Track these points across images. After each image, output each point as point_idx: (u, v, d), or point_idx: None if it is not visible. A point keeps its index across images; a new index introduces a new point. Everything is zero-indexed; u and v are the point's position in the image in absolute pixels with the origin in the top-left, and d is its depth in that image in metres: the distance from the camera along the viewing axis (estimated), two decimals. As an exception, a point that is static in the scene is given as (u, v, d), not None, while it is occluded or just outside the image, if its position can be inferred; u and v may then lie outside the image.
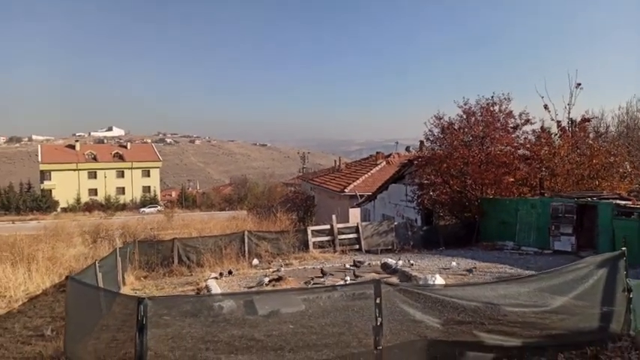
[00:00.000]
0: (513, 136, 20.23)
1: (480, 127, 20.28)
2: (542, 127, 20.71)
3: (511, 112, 20.28)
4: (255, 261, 17.06)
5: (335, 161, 53.33)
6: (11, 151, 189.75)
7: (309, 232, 18.81)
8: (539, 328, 6.85)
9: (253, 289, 12.41)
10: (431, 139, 21.15)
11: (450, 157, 20.04)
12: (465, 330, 6.72)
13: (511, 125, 20.39)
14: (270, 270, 14.86)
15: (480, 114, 20.47)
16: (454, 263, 14.86)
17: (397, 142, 52.58)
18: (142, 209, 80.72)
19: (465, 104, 20.67)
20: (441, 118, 20.90)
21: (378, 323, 6.58)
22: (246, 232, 18.16)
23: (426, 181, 21.27)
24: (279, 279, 12.65)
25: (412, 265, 14.40)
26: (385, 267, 14.73)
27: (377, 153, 41.03)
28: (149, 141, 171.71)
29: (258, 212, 40.84)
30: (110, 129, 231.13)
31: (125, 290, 13.04)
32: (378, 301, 6.85)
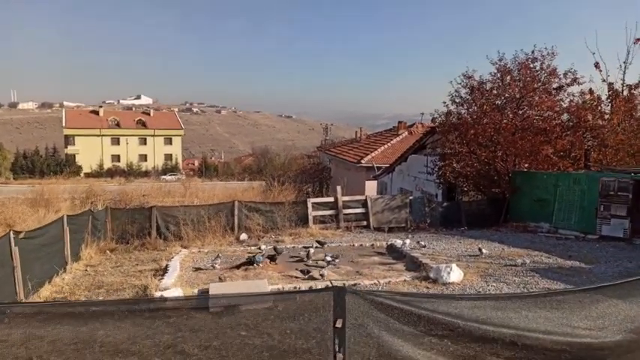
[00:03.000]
0: (556, 98, 16.91)
1: (517, 88, 17.04)
2: (590, 90, 17.31)
3: (555, 69, 16.93)
4: (244, 236, 14.60)
5: (356, 132, 50.26)
6: (43, 116, 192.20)
7: (310, 205, 16.17)
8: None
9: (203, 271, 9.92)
10: (457, 101, 17.96)
11: (478, 123, 16.96)
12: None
13: (554, 86, 17.06)
14: (255, 247, 12.34)
15: (517, 72, 17.20)
16: (477, 247, 12.04)
17: (423, 113, 48.89)
18: (163, 177, 79.67)
19: (500, 60, 17.39)
20: (470, 77, 17.68)
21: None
22: (236, 203, 15.64)
23: (449, 151, 18.25)
24: (252, 263, 10.10)
25: (424, 247, 11.65)
26: (391, 250, 12.09)
27: (399, 123, 37.76)
28: (176, 110, 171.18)
29: (271, 183, 38.45)
30: (138, 97, 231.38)
31: (75, 267, 10.76)
32: (338, 324, 4.15)
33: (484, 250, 11.63)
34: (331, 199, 16.76)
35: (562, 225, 14.91)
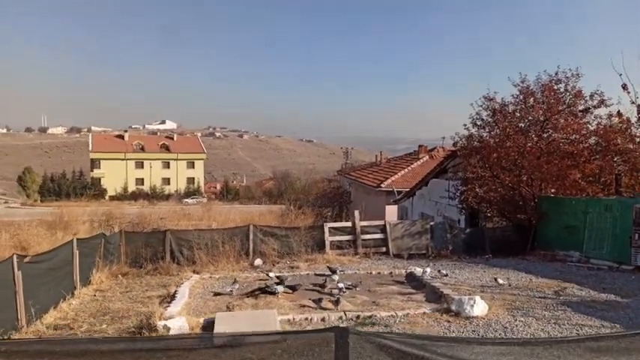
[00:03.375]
0: (583, 121, 16.22)
1: (541, 110, 16.44)
2: (619, 112, 16.55)
3: (580, 91, 16.28)
4: (258, 261, 14.16)
5: (376, 156, 49.82)
6: (71, 140, 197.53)
7: (326, 230, 15.68)
8: None
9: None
10: (478, 124, 17.41)
11: (501, 146, 16.34)
12: None
13: (580, 108, 16.40)
14: (264, 274, 11.86)
15: (540, 94, 16.62)
16: (502, 279, 11.32)
17: (444, 137, 48.24)
18: (185, 200, 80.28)
19: (522, 82, 16.86)
20: (491, 99, 17.16)
21: None
22: (251, 227, 15.27)
23: (471, 175, 17.59)
24: (264, 291, 9.62)
25: (446, 276, 11.00)
26: (410, 278, 11.46)
27: (419, 147, 37.22)
28: (199, 134, 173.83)
29: (289, 207, 38.12)
30: (163, 122, 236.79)
31: (83, 292, 10.46)
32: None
33: (500, 281, 10.96)
34: (349, 224, 16.25)
35: (593, 254, 14.05)
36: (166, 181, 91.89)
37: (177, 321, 7.26)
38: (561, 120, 16.26)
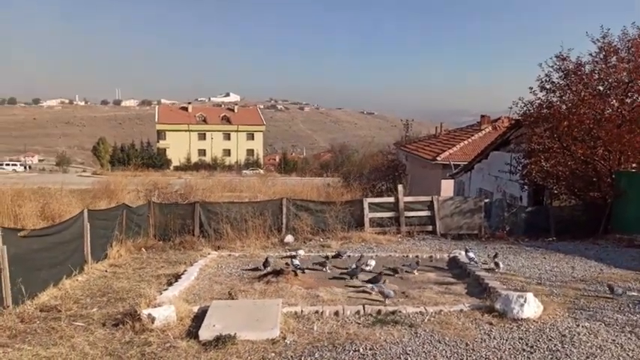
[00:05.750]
0: (677, 83, 13.50)
1: (625, 71, 13.84)
2: None
3: (677, 46, 13.51)
4: (289, 238, 13.07)
5: (436, 128, 47.09)
6: (143, 113, 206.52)
7: (366, 206, 14.27)
8: None
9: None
10: (547, 87, 15.01)
11: (574, 113, 14.02)
12: None
13: (675, 68, 13.65)
14: (293, 253, 10.73)
15: (625, 51, 13.98)
16: (568, 267, 9.47)
17: (511, 107, 44.66)
18: (244, 171, 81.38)
19: (604, 37, 14.25)
20: (564, 59, 14.68)
21: None
22: (284, 200, 14.17)
23: (536, 147, 15.35)
24: (280, 272, 8.48)
25: (497, 265, 9.31)
26: (453, 264, 9.93)
27: (482, 117, 34.29)
28: (261, 107, 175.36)
29: (346, 179, 36.98)
30: (227, 95, 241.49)
31: (95, 267, 9.82)
32: None
33: (577, 270, 9.06)
34: (391, 200, 14.71)
35: (683, 241, 11.70)
36: (227, 152, 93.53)
37: (164, 310, 6.29)
38: (650, 81, 13.62)
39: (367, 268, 9.14)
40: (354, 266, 9.16)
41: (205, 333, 5.82)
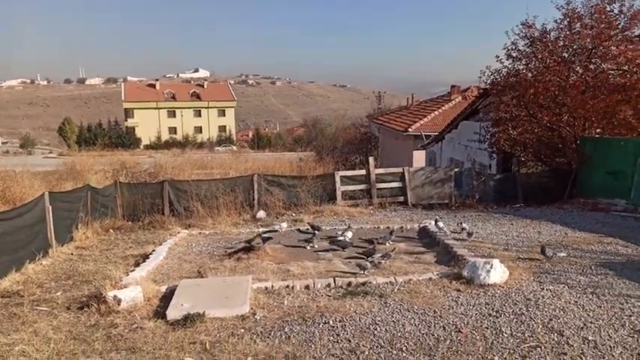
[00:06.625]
0: (639, 48, 13.70)
1: (589, 37, 13.96)
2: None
3: (638, 12, 13.66)
4: (261, 213, 13.00)
5: (407, 99, 47.16)
6: (109, 91, 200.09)
7: (337, 179, 14.25)
8: None
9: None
10: (514, 55, 15.06)
11: (539, 81, 14.13)
12: None
13: (637, 32, 13.85)
14: (265, 229, 10.67)
15: (589, 17, 14.09)
16: (535, 232, 9.70)
17: (481, 76, 45.04)
18: (217, 148, 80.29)
19: (568, 4, 14.32)
20: (530, 26, 14.71)
21: None
22: (255, 176, 14.01)
23: (504, 115, 15.52)
24: (250, 249, 8.42)
25: (465, 231, 9.45)
26: (423, 234, 10.07)
27: (452, 87, 34.42)
28: (232, 82, 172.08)
29: (319, 154, 36.85)
30: (196, 70, 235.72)
31: (61, 250, 9.56)
32: None
33: (543, 234, 9.28)
34: (363, 172, 14.75)
35: (643, 203, 12.11)
36: (198, 129, 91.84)
37: (130, 291, 6.16)
38: (613, 48, 13.77)
39: (345, 239, 9.23)
40: (340, 237, 9.22)
41: (173, 312, 5.74)
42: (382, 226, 10.86)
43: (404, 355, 4.82)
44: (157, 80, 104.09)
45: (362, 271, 7.27)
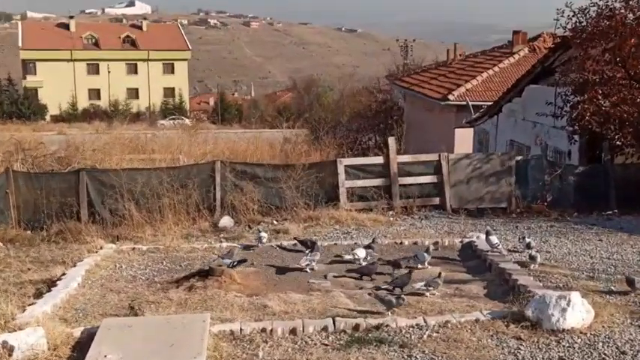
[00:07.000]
0: None
1: None
2: None
3: None
4: (226, 220, 13.14)
5: (447, 51, 47.40)
6: (0, 33, 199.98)
7: (341, 170, 14.41)
8: None
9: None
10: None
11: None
12: None
13: None
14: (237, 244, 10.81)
15: None
16: (634, 253, 9.80)
17: (557, 19, 45.18)
18: (161, 122, 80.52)
19: None
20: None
21: None
22: (218, 164, 14.13)
23: (592, 77, 15.80)
24: (208, 273, 8.52)
25: (531, 252, 9.62)
26: (467, 253, 10.26)
27: (514, 34, 34.70)
28: (185, 22, 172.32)
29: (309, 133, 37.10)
30: (131, 4, 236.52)
31: None
32: None
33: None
34: (379, 160, 15.01)
35: None
36: (133, 93, 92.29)
37: (28, 335, 6.22)
38: None
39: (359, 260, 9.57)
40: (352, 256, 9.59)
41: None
42: (407, 242, 11.11)
43: None
44: (71, 18, 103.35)
45: (386, 310, 7.33)
